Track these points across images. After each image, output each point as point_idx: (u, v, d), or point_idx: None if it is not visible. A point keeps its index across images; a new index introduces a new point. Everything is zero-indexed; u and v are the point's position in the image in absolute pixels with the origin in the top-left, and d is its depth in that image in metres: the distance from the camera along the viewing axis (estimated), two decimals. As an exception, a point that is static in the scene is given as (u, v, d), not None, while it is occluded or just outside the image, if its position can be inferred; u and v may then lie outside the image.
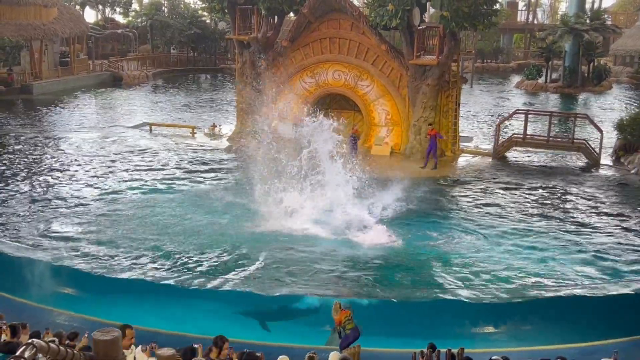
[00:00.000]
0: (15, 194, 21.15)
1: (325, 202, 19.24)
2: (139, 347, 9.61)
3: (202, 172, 24.38)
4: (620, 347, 11.60)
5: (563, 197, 22.22)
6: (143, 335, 11.05)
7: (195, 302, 14.53)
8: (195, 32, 58.10)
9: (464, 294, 14.54)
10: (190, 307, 14.47)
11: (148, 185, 22.47)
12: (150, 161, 25.75)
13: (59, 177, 23.40)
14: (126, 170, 24.27)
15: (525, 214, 20.07)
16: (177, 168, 24.82)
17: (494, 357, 10.19)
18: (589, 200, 21.77)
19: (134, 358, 8.50)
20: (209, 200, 20.75)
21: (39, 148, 27.91)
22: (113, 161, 25.64)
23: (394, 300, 14.51)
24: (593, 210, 20.66)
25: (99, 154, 26.96)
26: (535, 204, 21.22)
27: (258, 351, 10.24)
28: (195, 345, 9.50)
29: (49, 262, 15.68)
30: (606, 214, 20.31)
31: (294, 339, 13.05)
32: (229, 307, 14.43)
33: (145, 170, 24.41)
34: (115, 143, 29.03)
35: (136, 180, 23.07)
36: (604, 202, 21.58)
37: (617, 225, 19.22)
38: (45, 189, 21.83)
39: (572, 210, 20.66)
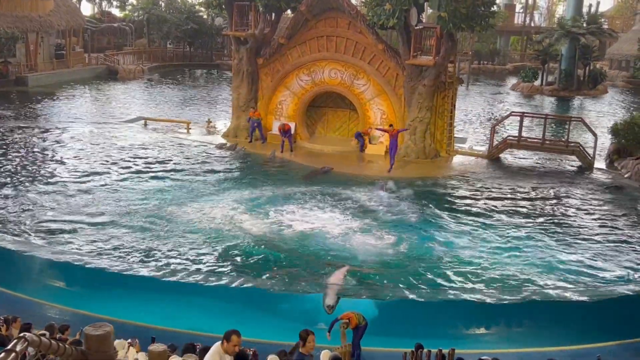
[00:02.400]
0: (4, 185, 21.10)
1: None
2: (128, 340, 9.63)
3: (194, 167, 24.34)
4: (608, 350, 11.69)
5: (555, 200, 22.26)
6: (135, 331, 11.06)
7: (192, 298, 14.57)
8: (192, 27, 58.02)
9: (455, 295, 14.59)
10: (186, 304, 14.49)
11: (140, 180, 22.41)
12: (143, 156, 25.67)
13: (50, 169, 23.34)
14: (118, 165, 24.18)
15: (517, 217, 20.11)
16: (169, 163, 24.77)
17: (484, 358, 10.25)
18: (581, 203, 21.83)
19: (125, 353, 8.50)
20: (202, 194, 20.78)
21: (32, 140, 27.82)
22: (106, 155, 25.57)
23: (386, 300, 14.58)
24: (585, 214, 20.72)
25: (92, 147, 26.88)
26: (528, 207, 21.27)
27: (251, 347, 10.27)
28: (196, 344, 9.49)
29: (38, 255, 15.68)
30: (598, 218, 20.37)
31: (287, 336, 13.08)
32: (228, 303, 14.48)
33: (137, 164, 24.34)
34: (109, 137, 28.94)
35: (128, 174, 23.01)
36: (596, 206, 21.64)
37: (608, 229, 19.30)
38: (36, 180, 21.76)
39: (564, 214, 20.71)
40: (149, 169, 23.77)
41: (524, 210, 20.83)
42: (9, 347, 2.84)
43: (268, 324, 13.84)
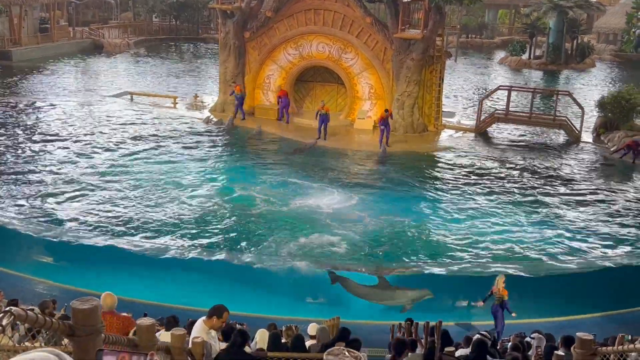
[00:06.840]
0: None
1: None
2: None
3: (180, 142, 24.19)
4: (593, 321, 11.84)
5: (542, 173, 22.37)
6: (127, 306, 11.04)
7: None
8: (178, 0, 57.22)
9: (442, 268, 14.73)
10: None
11: (123, 154, 22.32)
12: (128, 130, 25.48)
13: (36, 144, 23.12)
14: (103, 139, 24.02)
15: (503, 190, 20.21)
16: (154, 137, 24.59)
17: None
18: (567, 176, 21.98)
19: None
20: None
21: (17, 115, 27.50)
22: (92, 129, 25.36)
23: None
24: (570, 187, 20.87)
25: (77, 122, 26.63)
26: (514, 180, 21.37)
27: (241, 322, 10.32)
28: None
29: (24, 231, 15.66)
30: (583, 191, 20.54)
31: (277, 310, 13.19)
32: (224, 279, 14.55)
33: (122, 139, 24.17)
34: (95, 111, 28.66)
35: (113, 148, 22.88)
36: (582, 179, 21.81)
37: (592, 201, 19.48)
38: (22, 155, 21.58)
39: (549, 186, 20.84)
40: (133, 144, 23.61)
41: (511, 183, 20.93)
42: (-6, 321, 2.82)
43: (256, 299, 13.93)
